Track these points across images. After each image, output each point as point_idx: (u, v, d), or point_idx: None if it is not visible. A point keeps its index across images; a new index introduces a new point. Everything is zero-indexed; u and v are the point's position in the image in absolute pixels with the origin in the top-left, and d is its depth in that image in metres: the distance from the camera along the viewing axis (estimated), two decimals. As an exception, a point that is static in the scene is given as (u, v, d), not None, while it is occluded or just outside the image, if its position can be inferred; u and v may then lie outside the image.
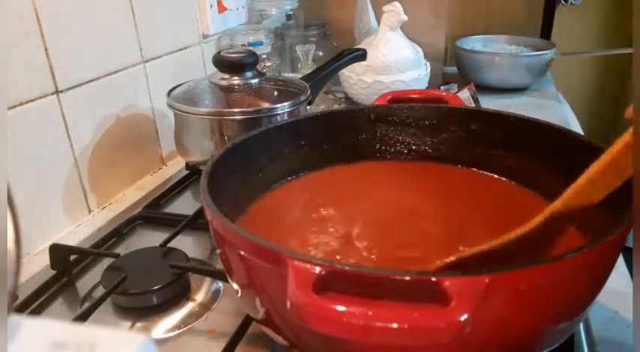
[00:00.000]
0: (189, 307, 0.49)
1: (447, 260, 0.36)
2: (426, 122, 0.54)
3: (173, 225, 0.58)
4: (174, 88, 0.68)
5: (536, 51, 1.08)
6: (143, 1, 0.70)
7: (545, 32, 1.31)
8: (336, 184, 0.52)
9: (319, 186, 0.52)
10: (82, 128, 0.62)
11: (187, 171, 0.74)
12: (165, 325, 0.47)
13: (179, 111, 0.65)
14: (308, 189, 0.52)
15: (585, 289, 0.34)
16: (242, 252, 0.33)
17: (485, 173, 0.52)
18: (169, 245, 0.54)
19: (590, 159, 0.42)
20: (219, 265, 0.52)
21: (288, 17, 1.12)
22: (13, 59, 0.53)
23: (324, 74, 0.76)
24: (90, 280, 0.53)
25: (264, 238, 0.31)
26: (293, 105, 0.64)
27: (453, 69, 1.16)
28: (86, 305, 0.48)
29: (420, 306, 0.26)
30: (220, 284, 0.51)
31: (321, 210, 0.48)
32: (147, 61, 0.73)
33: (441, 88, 0.98)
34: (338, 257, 0.41)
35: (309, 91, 0.68)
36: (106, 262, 0.53)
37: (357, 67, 0.90)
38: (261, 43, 0.91)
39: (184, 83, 0.69)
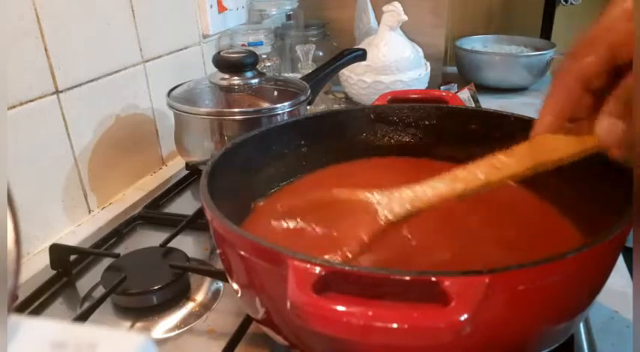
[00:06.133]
0: (189, 307, 0.49)
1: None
2: (426, 122, 0.54)
3: (173, 225, 0.58)
4: (174, 88, 0.68)
5: (536, 51, 1.08)
6: (143, 1, 0.70)
7: (545, 32, 1.31)
8: (336, 185, 0.52)
9: (319, 187, 0.52)
10: (82, 128, 0.62)
11: (187, 171, 0.74)
12: (166, 325, 0.47)
13: (179, 111, 0.65)
14: (308, 189, 0.51)
15: (585, 289, 0.34)
16: (242, 252, 0.33)
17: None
18: (169, 245, 0.54)
19: (590, 158, 0.43)
20: (219, 265, 0.52)
21: (288, 17, 1.12)
22: (13, 59, 0.53)
23: (324, 74, 0.76)
24: (90, 280, 0.53)
25: (264, 238, 0.31)
26: (293, 105, 0.64)
27: (453, 69, 1.16)
28: (86, 305, 0.48)
29: (420, 306, 0.26)
30: (220, 284, 0.51)
31: (321, 210, 0.48)
32: (147, 61, 0.73)
33: (441, 88, 0.98)
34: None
35: (309, 91, 0.68)
36: (106, 262, 0.53)
37: (357, 67, 0.90)
38: (261, 43, 0.91)
39: (184, 83, 0.69)
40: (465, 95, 0.89)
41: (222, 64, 0.66)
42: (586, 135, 0.33)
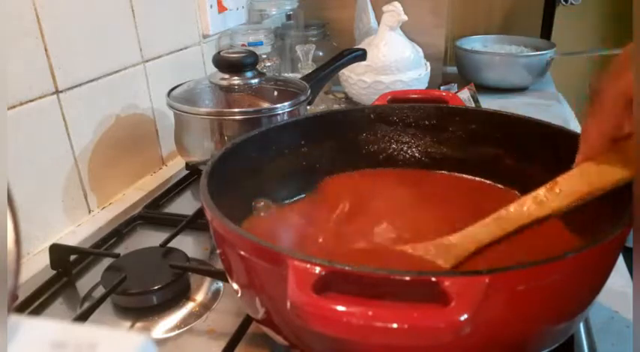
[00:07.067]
0: (189, 307, 0.49)
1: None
2: (426, 122, 0.54)
3: (173, 225, 0.58)
4: (174, 88, 0.68)
5: (536, 51, 1.08)
6: (143, 1, 0.70)
7: (545, 32, 1.31)
8: (336, 185, 0.52)
9: (319, 187, 0.52)
10: (82, 128, 0.62)
11: (187, 171, 0.74)
12: (166, 325, 0.47)
13: (179, 111, 0.65)
14: (308, 189, 0.52)
15: (585, 289, 0.34)
16: (242, 252, 0.33)
17: (481, 179, 0.52)
18: (169, 245, 0.54)
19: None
20: (219, 265, 0.52)
21: (288, 17, 1.12)
22: (13, 59, 0.53)
23: (324, 74, 0.76)
24: (90, 280, 0.53)
25: (265, 238, 0.31)
26: (293, 105, 0.64)
27: (453, 69, 1.16)
28: (86, 305, 0.48)
29: (420, 306, 0.26)
30: (220, 284, 0.51)
31: (321, 210, 0.48)
32: (147, 61, 0.73)
33: (441, 88, 0.98)
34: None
35: (309, 91, 0.68)
36: (106, 262, 0.53)
37: (357, 67, 0.90)
38: (261, 43, 0.91)
39: (184, 83, 0.69)
40: (465, 95, 0.88)
41: (222, 64, 0.66)
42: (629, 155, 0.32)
